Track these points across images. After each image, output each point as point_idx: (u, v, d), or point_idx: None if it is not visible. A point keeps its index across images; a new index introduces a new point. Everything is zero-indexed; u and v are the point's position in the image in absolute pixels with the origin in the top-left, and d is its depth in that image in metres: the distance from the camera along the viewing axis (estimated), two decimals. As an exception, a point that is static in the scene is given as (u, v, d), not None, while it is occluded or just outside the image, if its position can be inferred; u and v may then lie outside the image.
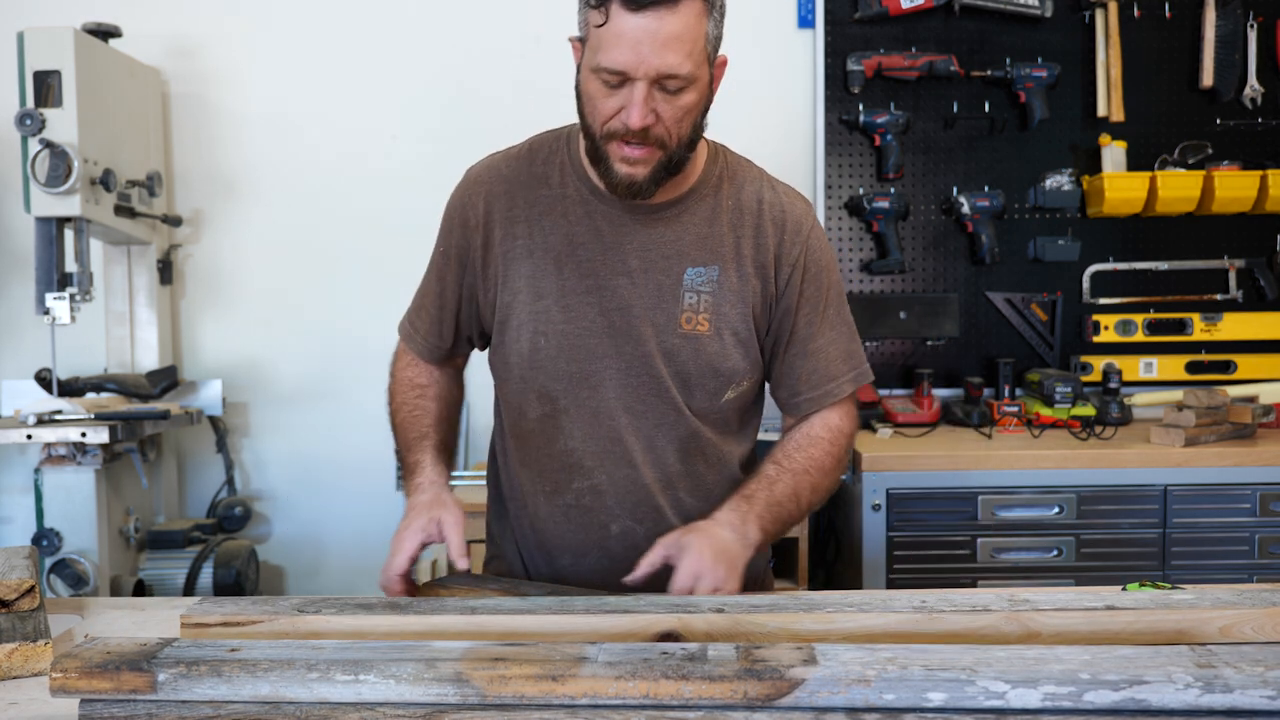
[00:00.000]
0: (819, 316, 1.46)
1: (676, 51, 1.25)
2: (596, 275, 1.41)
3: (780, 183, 1.50)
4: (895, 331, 3.02)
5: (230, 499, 3.00)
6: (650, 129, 1.29)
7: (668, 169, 1.34)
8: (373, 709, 0.98)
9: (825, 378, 1.46)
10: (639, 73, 1.25)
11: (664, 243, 1.41)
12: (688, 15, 1.25)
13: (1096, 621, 1.14)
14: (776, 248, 1.43)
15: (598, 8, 1.26)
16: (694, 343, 1.42)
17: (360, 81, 3.06)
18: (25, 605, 1.25)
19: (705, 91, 1.33)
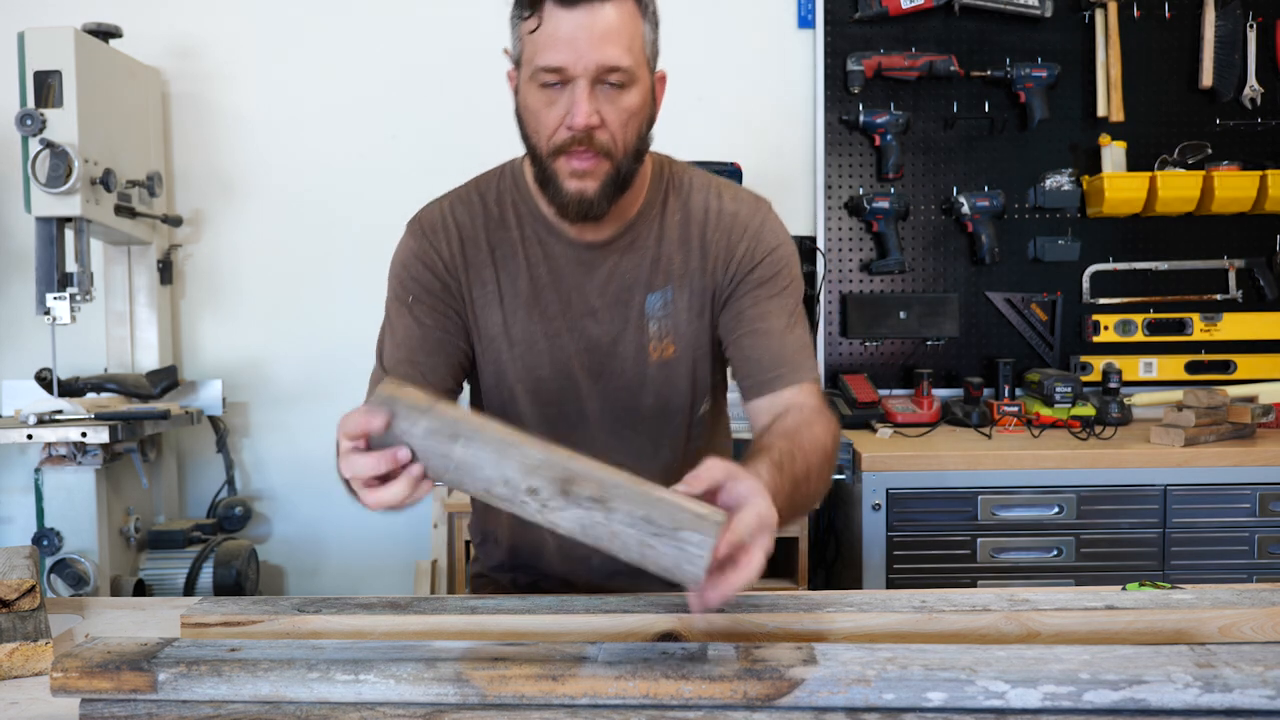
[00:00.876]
0: (770, 302, 1.39)
1: (615, 44, 1.23)
2: (564, 317, 1.40)
3: (732, 187, 1.46)
4: (895, 331, 3.02)
5: (230, 499, 3.00)
6: (595, 133, 1.26)
7: (616, 183, 1.31)
8: (373, 709, 0.98)
9: (780, 360, 1.38)
10: (579, 68, 1.23)
11: (621, 274, 1.39)
12: (621, 11, 1.24)
13: (1096, 621, 1.14)
14: (724, 251, 1.40)
15: (530, 15, 1.25)
16: (665, 370, 1.41)
17: (360, 81, 3.06)
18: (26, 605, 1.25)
19: (648, 98, 1.31)
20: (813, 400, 1.39)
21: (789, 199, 3.08)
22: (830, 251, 3.06)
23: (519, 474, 0.98)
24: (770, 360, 1.38)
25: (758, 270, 1.39)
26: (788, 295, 1.41)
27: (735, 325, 1.40)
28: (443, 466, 0.99)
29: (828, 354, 3.07)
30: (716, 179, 1.46)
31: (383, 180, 3.07)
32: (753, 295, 1.39)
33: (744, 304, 1.40)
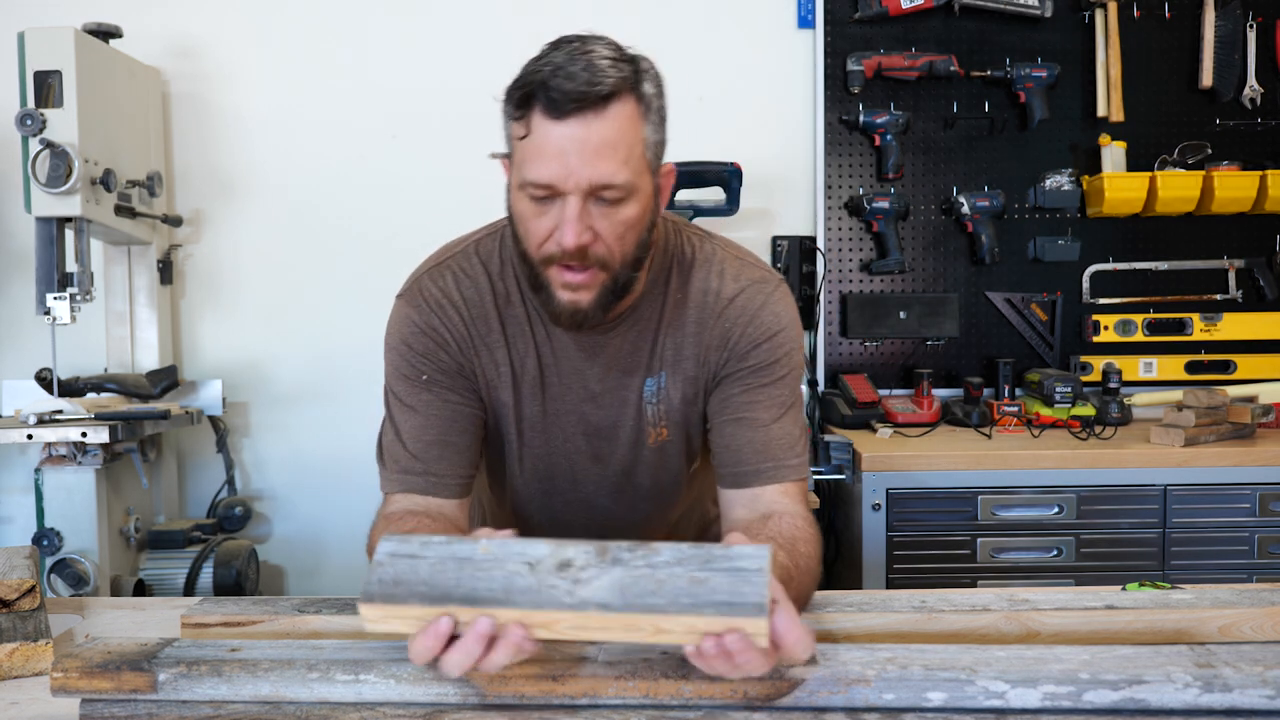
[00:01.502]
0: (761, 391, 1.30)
1: (609, 159, 1.13)
2: (565, 400, 1.34)
3: (738, 262, 1.34)
4: (895, 331, 3.02)
5: (230, 499, 3.00)
6: (589, 248, 1.16)
7: (613, 292, 1.22)
8: (373, 709, 0.98)
9: (763, 454, 1.29)
10: (569, 185, 1.13)
11: (621, 360, 1.32)
12: (619, 119, 1.13)
13: (1096, 621, 1.14)
14: (718, 338, 1.31)
15: (519, 119, 1.15)
16: (660, 454, 1.37)
17: (360, 82, 3.06)
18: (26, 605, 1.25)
19: (649, 204, 1.20)
20: (798, 507, 1.28)
21: (789, 199, 3.09)
22: (830, 251, 3.06)
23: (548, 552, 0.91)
24: (752, 453, 1.29)
25: (752, 356, 1.30)
26: (782, 385, 1.31)
27: (721, 410, 1.32)
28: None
29: (828, 354, 3.07)
30: (724, 251, 1.35)
31: (383, 180, 3.07)
32: (744, 383, 1.30)
33: (733, 390, 1.31)
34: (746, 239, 3.10)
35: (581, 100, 1.11)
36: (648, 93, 1.18)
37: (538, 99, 1.13)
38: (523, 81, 1.15)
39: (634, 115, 1.16)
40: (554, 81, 1.11)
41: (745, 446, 1.29)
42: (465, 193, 3.04)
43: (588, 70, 1.12)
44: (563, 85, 1.11)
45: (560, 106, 1.11)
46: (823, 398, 2.99)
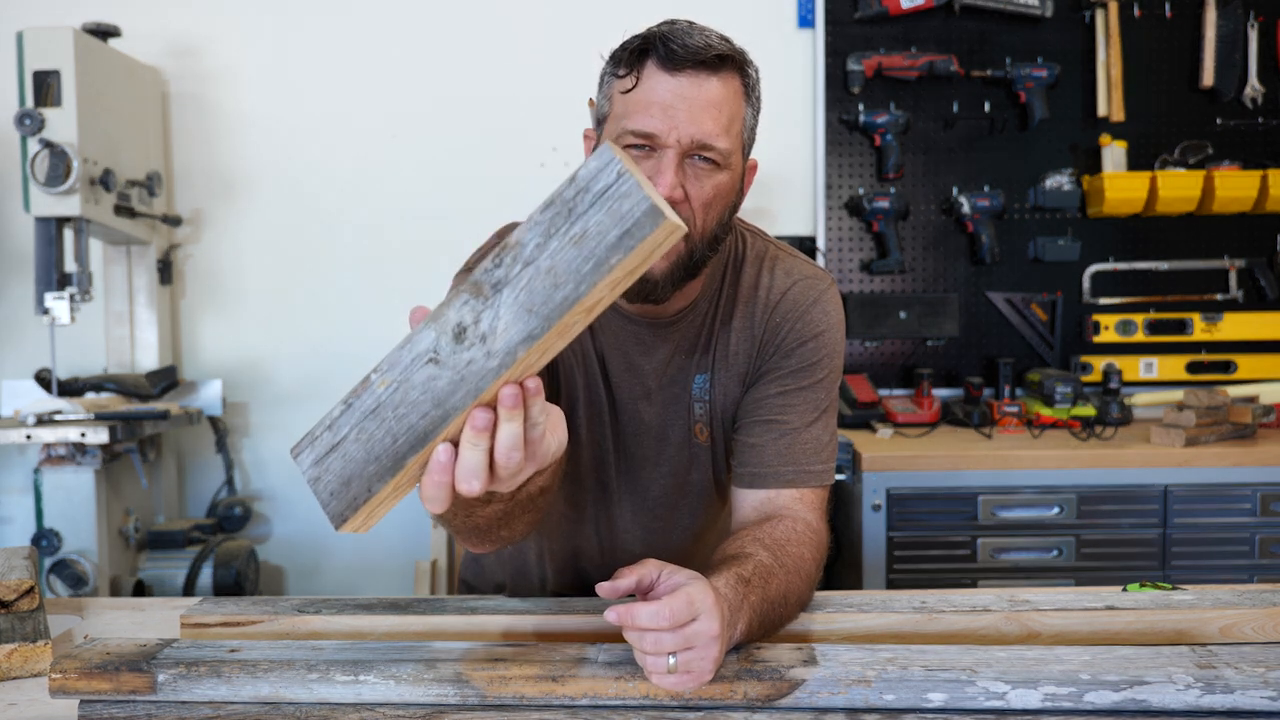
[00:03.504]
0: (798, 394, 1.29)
1: (714, 120, 1.14)
2: (623, 394, 1.33)
3: (789, 259, 1.34)
4: (895, 331, 3.02)
5: (230, 499, 3.00)
6: (677, 208, 1.15)
7: (687, 268, 1.20)
8: (373, 709, 0.98)
9: (786, 457, 1.27)
10: (670, 138, 1.14)
11: (677, 356, 1.31)
12: (728, 87, 1.16)
13: (1097, 622, 1.14)
14: (766, 334, 1.30)
15: (626, 74, 1.16)
16: (702, 454, 1.35)
17: (360, 81, 3.06)
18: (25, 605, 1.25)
19: (737, 184, 1.21)
20: (810, 515, 1.26)
21: (789, 199, 3.08)
22: (830, 251, 3.05)
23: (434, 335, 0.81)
24: (775, 455, 1.27)
25: (796, 355, 1.29)
26: (820, 389, 1.29)
27: (754, 409, 1.30)
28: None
29: (828, 354, 3.07)
30: (776, 248, 1.35)
31: (383, 180, 3.07)
32: (782, 384, 1.29)
33: (770, 390, 1.29)
34: (746, 239, 3.10)
35: (697, 56, 1.14)
36: (752, 76, 1.22)
37: (654, 52, 1.15)
38: (638, 39, 1.17)
39: (739, 90, 1.19)
40: (673, 36, 1.15)
41: (769, 447, 1.27)
42: (465, 192, 3.05)
43: (703, 36, 1.16)
44: (682, 39, 1.14)
45: (676, 59, 1.14)
46: (823, 398, 2.99)
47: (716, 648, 0.95)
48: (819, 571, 1.22)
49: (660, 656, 0.94)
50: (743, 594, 1.04)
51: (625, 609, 0.93)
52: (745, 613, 1.03)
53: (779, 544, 1.17)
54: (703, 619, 0.94)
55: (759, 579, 1.08)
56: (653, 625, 0.93)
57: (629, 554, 1.41)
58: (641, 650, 0.95)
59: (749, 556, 1.11)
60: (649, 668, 0.95)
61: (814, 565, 1.20)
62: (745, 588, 1.05)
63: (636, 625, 0.93)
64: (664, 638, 0.93)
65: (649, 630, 0.93)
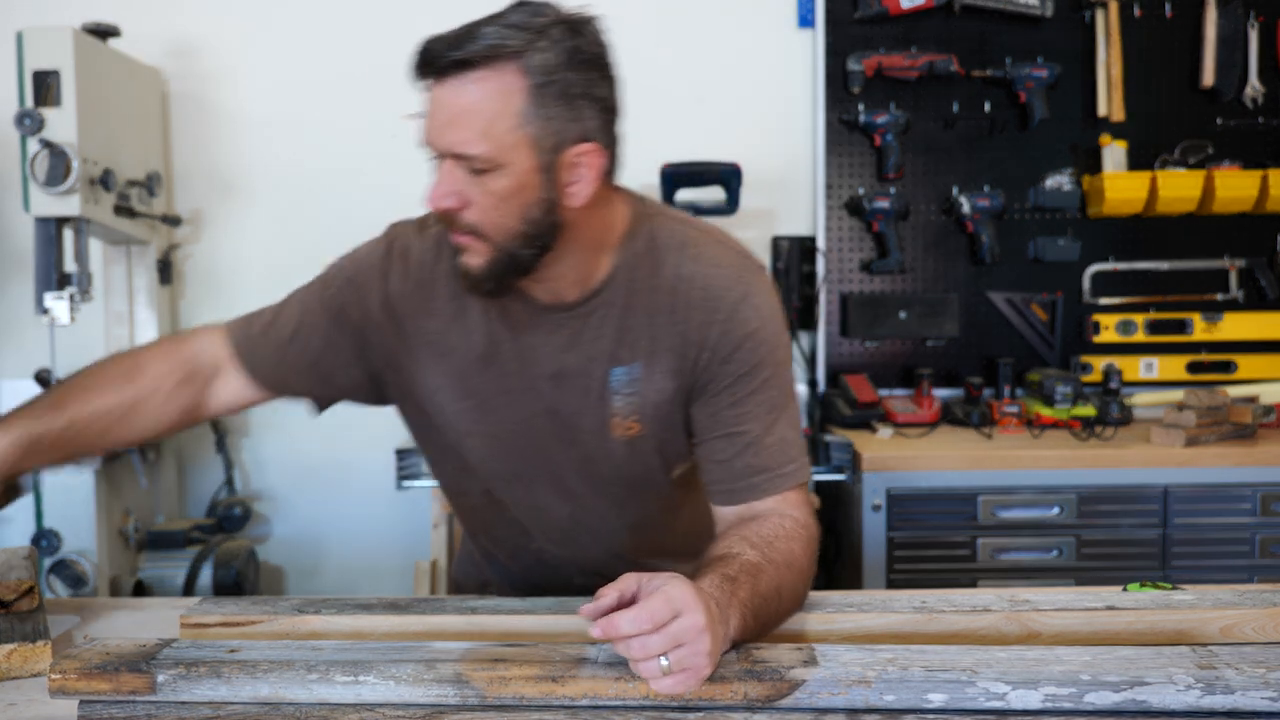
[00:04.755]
0: (750, 400, 1.24)
1: (464, 128, 1.11)
2: (522, 376, 1.28)
3: (713, 245, 1.28)
4: (895, 331, 3.01)
5: (230, 499, 3.00)
6: (456, 214, 1.15)
7: (507, 265, 1.18)
8: (372, 710, 0.98)
9: (756, 468, 1.24)
10: (436, 148, 1.15)
11: (583, 343, 1.26)
12: (485, 88, 1.10)
13: (1097, 622, 1.13)
14: (697, 333, 1.24)
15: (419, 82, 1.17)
16: (629, 447, 1.29)
17: (360, 81, 3.05)
18: (24, 606, 1.25)
19: (532, 181, 1.14)
20: (795, 511, 1.23)
21: (789, 199, 3.08)
22: (830, 251, 3.05)
23: None
24: (744, 468, 1.24)
25: (734, 361, 1.23)
26: (770, 386, 1.25)
27: (711, 426, 1.26)
28: None
29: (828, 354, 3.07)
30: (697, 232, 1.29)
31: (383, 180, 3.06)
32: (730, 391, 1.24)
33: (720, 402, 1.24)
34: (747, 239, 3.07)
35: (440, 62, 1.11)
36: (543, 64, 1.11)
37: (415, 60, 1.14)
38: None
39: (509, 87, 1.11)
40: (428, 43, 1.12)
41: (736, 462, 1.24)
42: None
43: (467, 35, 1.11)
44: (431, 47, 1.12)
45: (425, 68, 1.13)
46: (823, 398, 2.99)
47: (707, 640, 0.94)
48: (812, 565, 1.20)
49: (651, 660, 0.94)
50: (730, 591, 1.03)
51: (606, 621, 0.94)
52: (736, 609, 1.02)
53: (765, 541, 1.15)
54: (685, 614, 0.94)
55: (747, 575, 1.07)
56: (635, 630, 0.93)
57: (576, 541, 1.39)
58: (632, 658, 0.95)
59: (735, 556, 1.10)
60: (643, 673, 0.95)
61: (805, 559, 1.19)
62: (732, 585, 1.04)
63: (619, 634, 0.94)
64: (649, 641, 0.93)
65: (633, 637, 0.93)
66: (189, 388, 1.33)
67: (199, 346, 1.35)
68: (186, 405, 1.33)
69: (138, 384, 1.30)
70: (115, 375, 1.31)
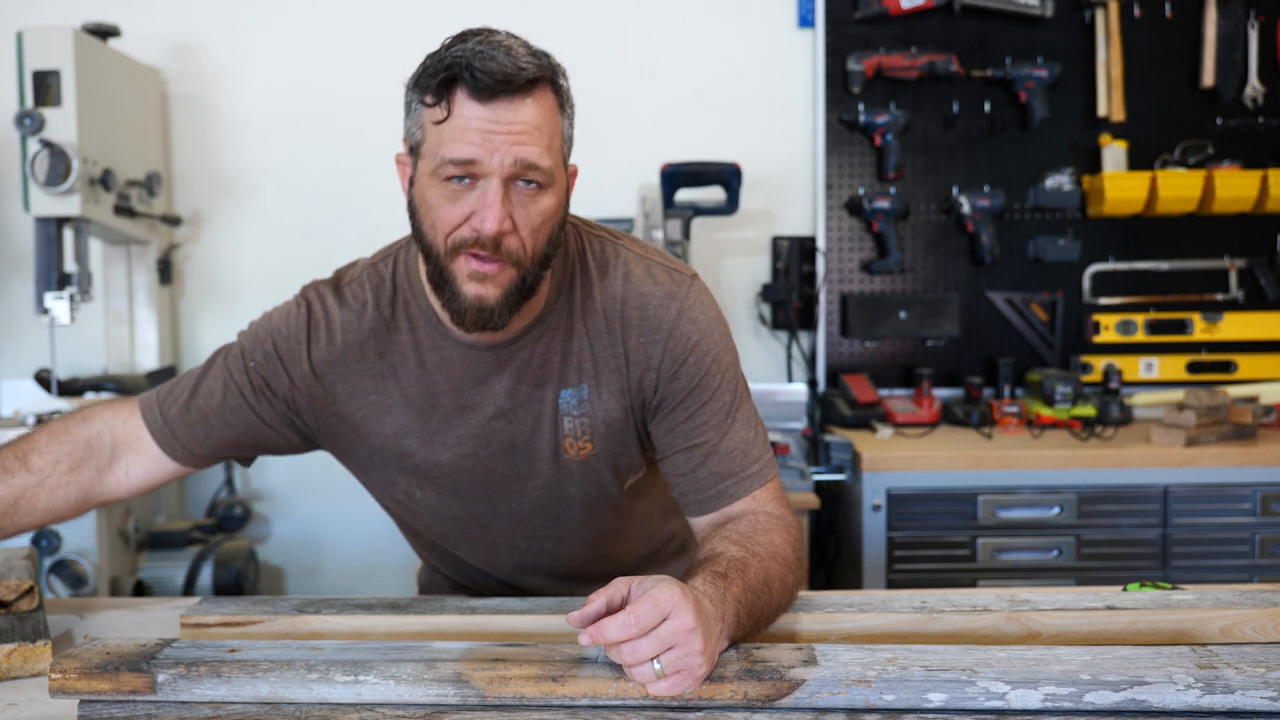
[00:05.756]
0: (703, 411, 1.25)
1: (535, 142, 1.11)
2: (466, 422, 1.27)
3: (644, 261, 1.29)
4: (895, 331, 3.01)
5: (230, 499, 3.00)
6: (503, 240, 1.13)
7: (520, 292, 1.17)
8: (372, 709, 0.98)
9: (721, 474, 1.25)
10: (493, 164, 1.11)
11: (530, 372, 1.26)
12: (543, 105, 1.13)
13: (1097, 622, 1.14)
14: (640, 353, 1.25)
15: (436, 103, 1.14)
16: (583, 467, 1.29)
17: (360, 81, 3.05)
18: (24, 606, 1.25)
19: (563, 200, 1.19)
20: (768, 506, 1.25)
21: (789, 199, 3.08)
22: (830, 251, 3.05)
23: None
24: (709, 476, 1.25)
25: (682, 377, 1.25)
26: (721, 393, 1.26)
27: (670, 442, 1.27)
28: None
29: (828, 354, 3.07)
30: (630, 251, 1.29)
31: (382, 180, 3.05)
32: (683, 406, 1.25)
33: (676, 417, 1.26)
34: (746, 239, 3.10)
35: (508, 83, 1.11)
36: (563, 86, 1.18)
37: (461, 82, 1.12)
38: (441, 66, 1.14)
39: (553, 106, 1.16)
40: (479, 64, 1.11)
41: (700, 470, 1.25)
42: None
43: (509, 56, 1.12)
44: (488, 67, 1.11)
45: (487, 89, 1.11)
46: (823, 398, 2.99)
47: (698, 640, 0.94)
48: (798, 554, 1.21)
49: (644, 665, 0.94)
50: (723, 587, 1.04)
51: (594, 628, 0.94)
52: (730, 604, 1.03)
53: (746, 536, 1.16)
54: (674, 616, 0.94)
55: (735, 570, 1.08)
56: (623, 636, 0.93)
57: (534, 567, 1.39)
58: (624, 664, 0.95)
59: (719, 554, 1.11)
60: (637, 678, 0.95)
61: (789, 549, 1.19)
62: (724, 581, 1.05)
63: (608, 640, 0.94)
64: (639, 645, 0.93)
65: (623, 642, 0.93)
66: (82, 473, 1.31)
67: (98, 428, 1.32)
68: (81, 491, 1.32)
69: (20, 477, 1.27)
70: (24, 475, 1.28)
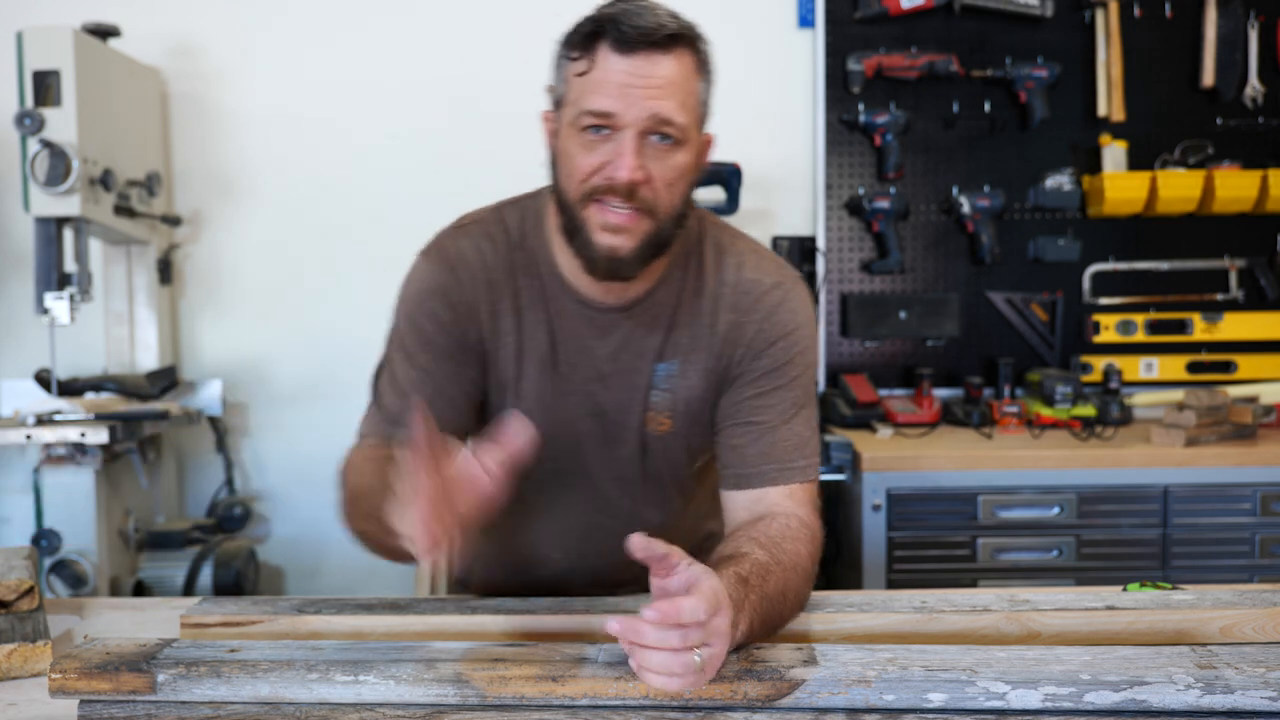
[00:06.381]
0: (774, 394, 1.29)
1: (671, 97, 1.16)
2: (574, 379, 1.32)
3: (757, 254, 1.34)
4: (895, 331, 3.01)
5: (230, 499, 3.00)
6: (638, 188, 1.17)
7: (654, 245, 1.21)
8: (372, 709, 0.98)
9: (769, 456, 1.28)
10: (629, 116, 1.15)
11: (634, 342, 1.31)
12: (682, 64, 1.17)
13: (1097, 622, 1.14)
14: (735, 330, 1.30)
15: (580, 57, 1.17)
16: (660, 443, 1.34)
17: (360, 81, 3.05)
18: (24, 606, 1.25)
19: (696, 161, 1.23)
20: (801, 510, 1.27)
21: (789, 199, 3.08)
22: (830, 251, 3.05)
23: None
24: (757, 455, 1.28)
25: (766, 357, 1.29)
26: (795, 386, 1.30)
27: (732, 413, 1.31)
28: None
29: (828, 354, 3.07)
30: (743, 242, 1.36)
31: (382, 180, 3.07)
32: (756, 385, 1.29)
33: (746, 393, 1.30)
34: (746, 239, 3.09)
35: (649, 36, 1.15)
36: (703, 51, 1.22)
37: (606, 34, 1.16)
38: (588, 21, 1.18)
39: (693, 66, 1.20)
40: (623, 18, 1.16)
41: (751, 448, 1.28)
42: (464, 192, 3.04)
43: (653, 15, 1.17)
44: (632, 21, 1.15)
45: (629, 40, 1.15)
46: (823, 398, 2.99)
47: (727, 645, 0.95)
48: (815, 567, 1.22)
49: (688, 653, 0.91)
50: (744, 593, 1.03)
51: (670, 605, 0.90)
52: (747, 612, 1.02)
53: (774, 541, 1.16)
54: (721, 613, 0.94)
55: (757, 577, 1.07)
56: (692, 620, 0.91)
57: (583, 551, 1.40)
58: (669, 649, 0.91)
59: (745, 555, 1.11)
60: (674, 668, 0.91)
61: (810, 561, 1.20)
62: (745, 587, 1.04)
63: (680, 621, 0.90)
64: (692, 633, 0.91)
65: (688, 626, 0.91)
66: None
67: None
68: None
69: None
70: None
